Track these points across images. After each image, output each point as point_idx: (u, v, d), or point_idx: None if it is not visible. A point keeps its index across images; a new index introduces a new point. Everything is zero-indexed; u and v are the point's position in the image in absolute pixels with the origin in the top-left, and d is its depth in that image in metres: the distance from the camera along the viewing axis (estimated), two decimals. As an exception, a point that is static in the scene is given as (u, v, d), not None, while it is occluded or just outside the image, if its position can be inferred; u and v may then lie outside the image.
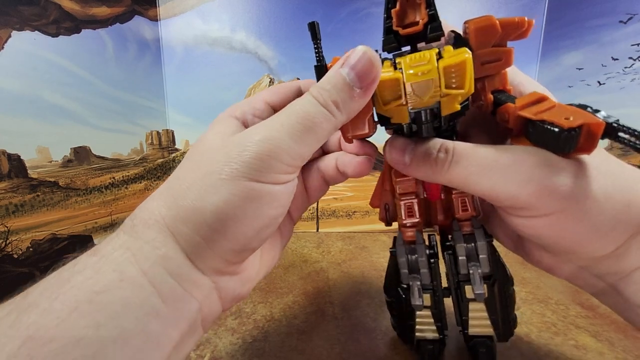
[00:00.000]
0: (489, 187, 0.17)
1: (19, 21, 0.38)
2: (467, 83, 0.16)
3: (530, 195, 0.16)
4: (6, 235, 0.38)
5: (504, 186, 0.16)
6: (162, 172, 0.60)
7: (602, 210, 0.16)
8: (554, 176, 0.15)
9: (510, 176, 0.16)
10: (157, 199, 0.17)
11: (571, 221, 0.16)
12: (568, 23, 0.51)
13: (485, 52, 0.17)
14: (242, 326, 0.32)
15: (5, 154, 0.38)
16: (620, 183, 0.17)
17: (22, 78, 0.38)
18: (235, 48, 0.57)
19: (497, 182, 0.16)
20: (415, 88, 0.16)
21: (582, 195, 0.16)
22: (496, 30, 0.17)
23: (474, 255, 0.21)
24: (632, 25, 0.45)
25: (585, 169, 0.16)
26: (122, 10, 0.50)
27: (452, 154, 0.17)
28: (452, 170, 0.17)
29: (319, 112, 0.16)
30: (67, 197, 0.44)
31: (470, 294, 0.22)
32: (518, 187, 0.16)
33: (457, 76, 0.16)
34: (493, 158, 0.16)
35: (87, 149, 0.47)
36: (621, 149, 0.47)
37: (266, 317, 0.33)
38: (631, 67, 0.45)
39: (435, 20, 0.17)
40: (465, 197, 0.22)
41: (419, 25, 0.17)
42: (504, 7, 0.54)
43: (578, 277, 0.20)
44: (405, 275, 0.23)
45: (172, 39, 0.57)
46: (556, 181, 0.15)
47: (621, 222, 0.16)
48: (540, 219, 0.17)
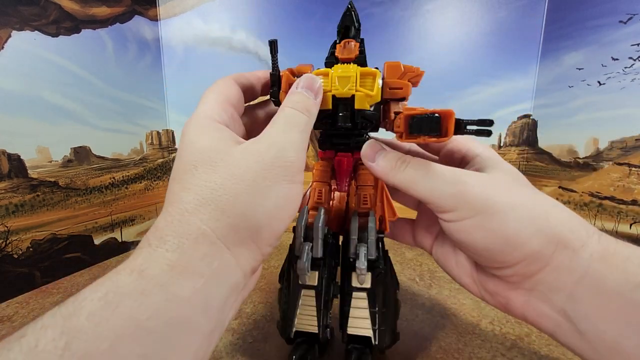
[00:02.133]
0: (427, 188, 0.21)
1: (19, 21, 0.38)
2: (375, 88, 0.23)
3: (447, 199, 0.20)
4: (6, 235, 0.38)
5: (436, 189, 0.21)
6: (162, 172, 0.60)
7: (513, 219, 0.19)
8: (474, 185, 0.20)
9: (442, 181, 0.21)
10: (199, 213, 0.17)
11: (482, 226, 0.20)
12: (568, 23, 0.51)
13: (392, 81, 0.24)
14: (242, 326, 0.32)
15: (5, 154, 0.38)
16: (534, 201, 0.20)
17: (22, 78, 0.38)
18: (235, 48, 0.57)
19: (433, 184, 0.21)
20: (339, 80, 0.23)
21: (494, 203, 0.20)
22: (399, 68, 0.24)
23: (364, 238, 0.24)
24: (632, 25, 0.44)
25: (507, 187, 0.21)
26: (122, 10, 0.50)
27: (407, 164, 0.22)
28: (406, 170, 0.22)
29: (303, 118, 0.21)
30: (67, 197, 0.44)
31: (355, 282, 0.24)
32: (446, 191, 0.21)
33: (368, 81, 0.23)
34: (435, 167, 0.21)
35: (87, 149, 0.47)
36: (621, 150, 0.47)
37: (266, 317, 0.33)
38: (631, 67, 0.45)
39: (362, 54, 0.25)
40: (368, 193, 0.25)
41: (351, 56, 0.25)
42: (504, 7, 0.54)
43: (530, 308, 0.21)
44: (298, 244, 0.24)
45: (172, 39, 0.57)
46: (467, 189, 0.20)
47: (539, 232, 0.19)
48: (461, 223, 0.20)
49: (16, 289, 0.39)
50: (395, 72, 0.24)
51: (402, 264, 0.46)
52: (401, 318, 0.33)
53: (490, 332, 0.31)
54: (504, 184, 0.21)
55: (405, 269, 0.44)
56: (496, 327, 0.32)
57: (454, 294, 0.38)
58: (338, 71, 0.23)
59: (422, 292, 0.38)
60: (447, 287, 0.39)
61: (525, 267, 0.20)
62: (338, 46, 0.25)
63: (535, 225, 0.19)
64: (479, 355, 0.28)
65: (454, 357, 0.28)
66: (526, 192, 0.21)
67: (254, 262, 0.19)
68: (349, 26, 0.25)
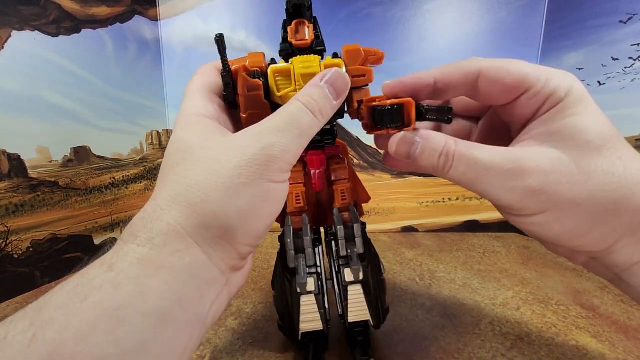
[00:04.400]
0: (482, 191, 0.19)
1: (19, 21, 0.38)
2: None
3: (515, 200, 0.18)
4: (6, 235, 0.38)
5: (494, 192, 0.19)
6: (162, 172, 0.60)
7: (582, 214, 0.17)
8: (536, 185, 0.18)
9: (498, 184, 0.18)
10: (171, 209, 0.17)
11: (552, 221, 0.18)
12: (568, 23, 0.51)
13: (354, 69, 0.22)
14: (242, 326, 0.32)
15: (5, 154, 0.38)
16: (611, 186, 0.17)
17: (22, 78, 0.38)
18: (235, 48, 0.56)
19: (487, 188, 0.19)
20: (303, 78, 0.21)
21: (560, 200, 0.17)
22: (360, 53, 0.22)
23: (351, 237, 0.24)
24: (632, 25, 0.44)
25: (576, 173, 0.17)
26: (122, 10, 0.50)
27: (452, 160, 0.19)
28: (451, 173, 0.19)
29: (311, 119, 0.19)
30: (67, 197, 0.44)
31: (349, 277, 0.24)
32: (505, 194, 0.18)
33: None
34: (485, 168, 0.18)
35: (87, 149, 0.47)
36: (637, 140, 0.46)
37: (266, 317, 0.33)
38: (631, 67, 0.45)
39: (319, 38, 0.23)
40: (345, 188, 0.25)
41: (307, 41, 0.23)
42: (504, 7, 0.54)
43: (591, 266, 0.21)
44: (291, 257, 0.24)
45: (172, 39, 0.57)
46: (537, 189, 0.18)
47: (607, 223, 0.18)
48: (530, 218, 0.19)
49: (16, 289, 0.39)
50: (357, 58, 0.22)
51: (402, 264, 0.46)
52: (401, 318, 0.33)
53: (490, 332, 0.31)
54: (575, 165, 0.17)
55: (405, 269, 0.44)
56: (496, 327, 0.32)
57: (454, 294, 0.38)
58: (299, 66, 0.21)
59: (422, 292, 0.38)
60: (447, 287, 0.39)
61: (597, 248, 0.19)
62: (289, 29, 0.23)
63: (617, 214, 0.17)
64: (479, 355, 0.28)
65: (454, 357, 0.28)
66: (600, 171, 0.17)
67: (230, 261, 0.18)
68: (298, 4, 0.22)
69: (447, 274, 0.43)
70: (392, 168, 0.25)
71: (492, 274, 0.43)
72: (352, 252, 0.24)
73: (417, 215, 0.60)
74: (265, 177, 0.17)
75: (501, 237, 0.56)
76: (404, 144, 0.20)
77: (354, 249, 0.24)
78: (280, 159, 0.18)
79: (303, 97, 0.19)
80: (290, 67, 0.21)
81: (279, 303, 0.26)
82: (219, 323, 0.32)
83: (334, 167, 0.26)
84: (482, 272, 0.43)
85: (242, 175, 0.17)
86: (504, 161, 0.18)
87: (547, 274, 0.42)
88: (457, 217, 0.60)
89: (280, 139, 0.18)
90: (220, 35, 0.20)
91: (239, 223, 0.17)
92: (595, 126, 0.18)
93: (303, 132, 0.19)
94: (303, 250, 0.24)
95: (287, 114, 0.19)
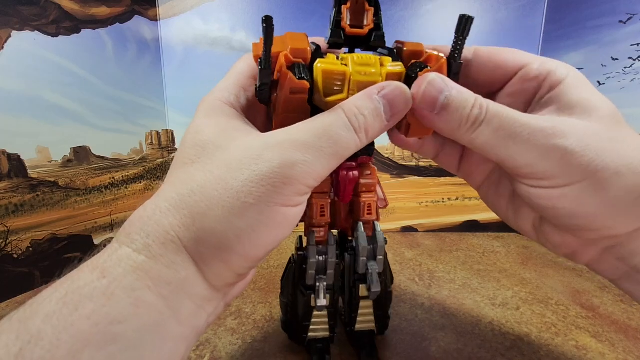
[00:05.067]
0: (509, 156, 0.17)
1: (19, 21, 0.38)
2: None
3: (551, 165, 0.16)
4: (6, 235, 0.38)
5: (526, 155, 0.16)
6: (162, 172, 0.60)
7: (623, 184, 0.15)
8: (576, 147, 0.15)
9: (533, 146, 0.16)
10: (170, 215, 0.15)
11: (589, 193, 0.16)
12: (568, 23, 0.51)
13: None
14: (242, 326, 0.32)
15: (5, 154, 0.38)
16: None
17: (22, 78, 0.38)
18: (235, 48, 0.56)
19: (519, 151, 0.16)
20: (360, 86, 0.17)
21: (603, 166, 0.15)
22: (422, 55, 0.19)
23: (372, 256, 0.22)
24: (632, 25, 0.44)
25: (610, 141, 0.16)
26: (122, 10, 0.50)
27: (486, 113, 0.16)
28: (480, 130, 0.17)
29: (351, 138, 0.16)
30: (67, 197, 0.44)
31: (363, 292, 0.23)
32: (540, 156, 0.16)
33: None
34: (522, 125, 0.16)
35: (87, 149, 0.47)
36: None
37: (266, 317, 0.33)
38: (631, 67, 0.45)
39: (379, 29, 0.19)
40: (372, 202, 0.23)
41: (363, 30, 0.19)
42: (503, 7, 0.54)
43: (599, 262, 0.19)
44: (311, 276, 0.22)
45: (172, 39, 0.57)
46: (577, 151, 0.15)
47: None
48: (558, 190, 0.17)
49: (16, 288, 0.39)
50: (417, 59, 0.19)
51: (402, 264, 0.46)
52: (401, 318, 0.33)
53: (490, 332, 0.31)
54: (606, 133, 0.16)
55: (405, 269, 0.44)
56: (496, 327, 0.32)
57: (454, 294, 0.38)
58: (356, 71, 0.17)
59: (422, 292, 0.38)
60: (446, 287, 0.39)
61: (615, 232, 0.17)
62: (345, 9, 0.18)
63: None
64: (479, 355, 0.28)
65: (453, 357, 0.28)
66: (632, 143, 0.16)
67: (227, 280, 0.17)
68: None
69: (446, 274, 0.43)
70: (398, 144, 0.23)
71: (492, 273, 0.43)
72: (373, 272, 0.22)
73: (417, 215, 0.60)
74: (276, 200, 0.15)
75: (501, 237, 0.56)
76: (433, 88, 0.17)
77: (375, 269, 0.22)
78: (299, 181, 0.15)
79: (350, 108, 0.16)
80: (345, 70, 0.17)
81: (289, 311, 0.26)
82: (219, 323, 0.32)
83: (363, 177, 0.23)
84: (481, 272, 0.43)
85: (250, 195, 0.15)
86: (540, 120, 0.16)
87: (546, 274, 0.42)
88: (456, 217, 0.60)
89: (306, 156, 0.15)
90: (269, 18, 0.16)
91: (236, 246, 0.15)
92: (607, 104, 0.17)
93: (336, 151, 0.16)
94: (325, 271, 0.22)
95: (323, 126, 0.16)
